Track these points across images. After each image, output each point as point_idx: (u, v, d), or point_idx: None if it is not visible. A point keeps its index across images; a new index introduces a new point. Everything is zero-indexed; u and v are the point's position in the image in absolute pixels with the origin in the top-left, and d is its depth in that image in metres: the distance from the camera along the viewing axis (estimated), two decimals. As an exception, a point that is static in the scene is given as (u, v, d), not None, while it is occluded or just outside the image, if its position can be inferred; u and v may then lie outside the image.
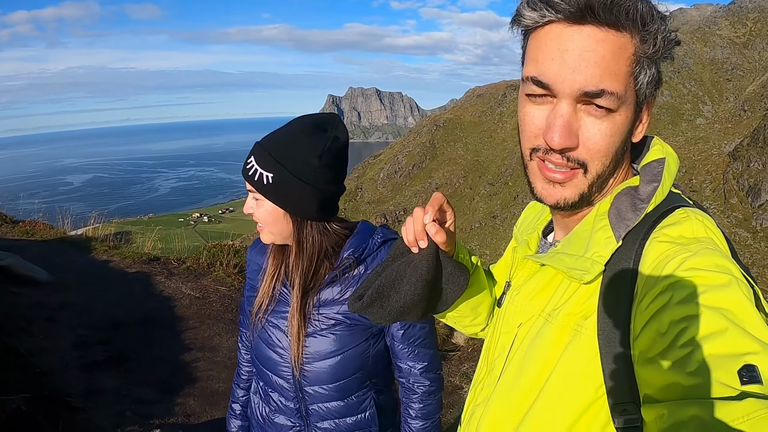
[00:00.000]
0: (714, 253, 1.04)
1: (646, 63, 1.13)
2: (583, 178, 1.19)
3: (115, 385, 5.56)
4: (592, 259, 1.16)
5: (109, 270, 9.20)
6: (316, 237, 2.06)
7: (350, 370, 2.08)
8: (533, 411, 1.21)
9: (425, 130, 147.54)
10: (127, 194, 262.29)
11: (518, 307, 1.38)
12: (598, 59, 1.09)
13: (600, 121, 1.14)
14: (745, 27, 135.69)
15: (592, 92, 1.10)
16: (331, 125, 2.03)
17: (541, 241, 1.50)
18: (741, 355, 0.85)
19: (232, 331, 7.46)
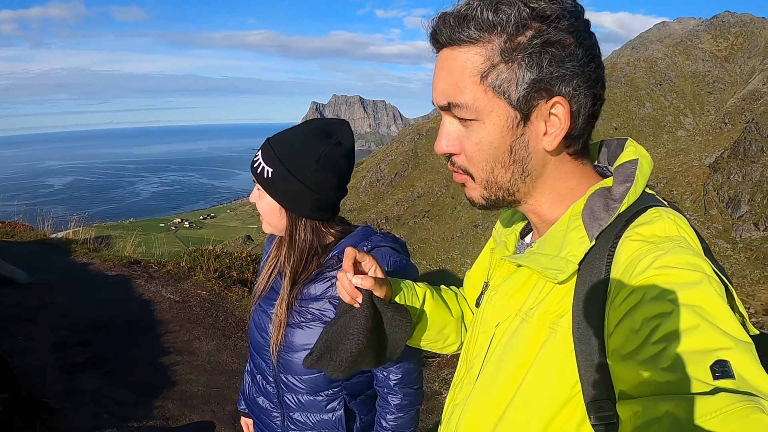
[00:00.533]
0: (686, 251, 1.05)
1: (503, 66, 1.14)
2: (474, 184, 1.27)
3: (94, 387, 5.54)
4: (566, 259, 1.17)
5: (89, 272, 9.17)
6: (308, 235, 2.13)
7: None
8: (510, 409, 1.22)
9: (408, 138, 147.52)
10: (108, 198, 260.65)
11: (496, 307, 1.39)
12: (445, 75, 1.19)
13: (468, 131, 1.21)
14: (726, 41, 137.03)
15: (442, 105, 1.21)
16: (338, 131, 2.11)
17: (518, 242, 1.51)
18: (713, 350, 0.87)
19: (212, 336, 7.46)
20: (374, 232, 2.25)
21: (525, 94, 1.15)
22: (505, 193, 1.26)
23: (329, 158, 2.03)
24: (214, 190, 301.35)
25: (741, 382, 0.83)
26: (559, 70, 1.13)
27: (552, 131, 1.19)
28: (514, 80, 1.14)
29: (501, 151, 1.20)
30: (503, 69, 1.14)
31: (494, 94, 1.15)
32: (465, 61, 1.16)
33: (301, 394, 2.19)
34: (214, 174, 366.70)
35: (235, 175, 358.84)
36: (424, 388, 2.35)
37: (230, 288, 9.42)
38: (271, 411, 2.31)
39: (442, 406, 6.59)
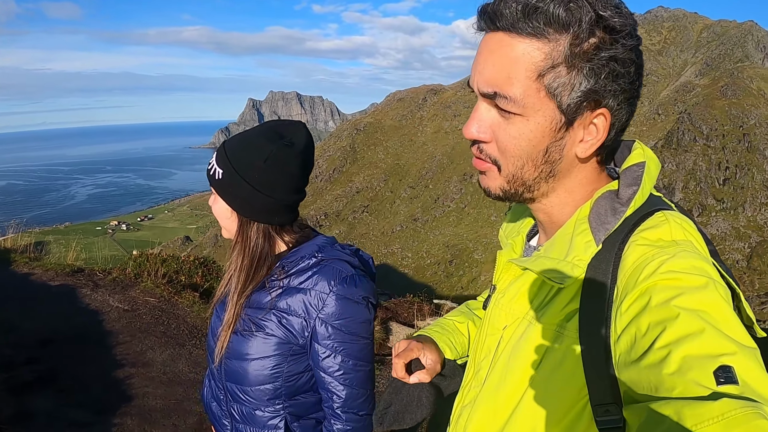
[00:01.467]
0: (692, 255, 1.05)
1: (564, 69, 1.12)
2: (498, 175, 1.25)
3: (47, 407, 5.29)
4: (572, 263, 1.18)
5: (31, 283, 8.80)
6: (259, 239, 2.07)
7: (259, 379, 2.06)
8: (518, 413, 1.23)
9: (346, 134, 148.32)
10: (42, 202, 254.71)
11: (503, 310, 1.39)
12: (496, 61, 1.14)
13: (507, 122, 1.18)
14: (660, 35, 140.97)
15: (486, 93, 1.17)
16: (291, 131, 2.04)
17: (525, 244, 1.52)
18: (717, 356, 0.87)
19: (165, 345, 7.25)
20: (333, 243, 2.17)
21: (577, 101, 1.14)
22: (525, 189, 1.26)
23: (278, 159, 1.96)
24: (151, 190, 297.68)
25: (744, 388, 0.83)
26: (612, 85, 1.13)
27: (589, 140, 1.19)
28: (570, 86, 1.13)
29: (537, 150, 1.19)
30: (563, 72, 1.12)
31: (546, 94, 1.14)
32: (523, 53, 1.12)
33: (245, 406, 2.13)
34: (150, 174, 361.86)
35: (172, 174, 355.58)
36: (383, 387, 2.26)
37: (180, 293, 9.18)
38: (222, 418, 2.26)
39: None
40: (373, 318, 2.09)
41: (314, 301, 1.98)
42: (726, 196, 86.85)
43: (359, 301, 2.00)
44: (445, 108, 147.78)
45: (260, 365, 2.04)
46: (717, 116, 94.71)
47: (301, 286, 2.01)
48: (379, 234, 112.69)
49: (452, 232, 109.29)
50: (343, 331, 1.98)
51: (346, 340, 1.99)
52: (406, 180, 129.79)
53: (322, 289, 1.98)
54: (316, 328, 1.99)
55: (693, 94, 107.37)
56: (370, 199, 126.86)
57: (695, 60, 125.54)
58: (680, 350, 0.90)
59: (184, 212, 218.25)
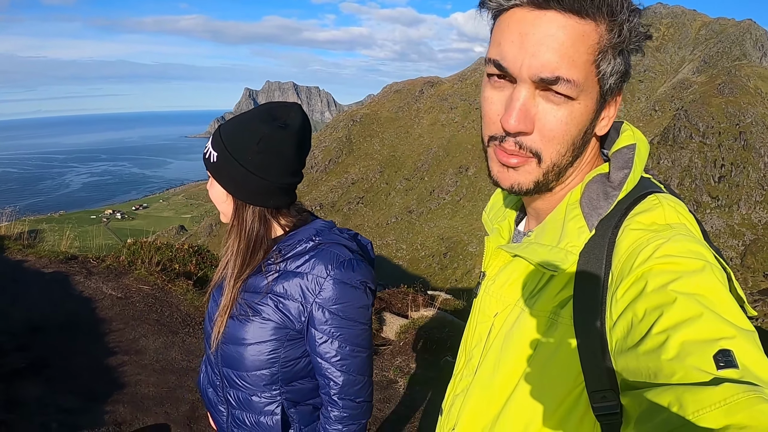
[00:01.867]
0: (687, 238, 1.04)
1: (611, 53, 1.12)
2: (537, 167, 1.19)
3: (38, 395, 5.24)
4: (565, 250, 1.17)
5: (25, 270, 8.73)
6: (255, 223, 2.07)
7: (256, 365, 2.05)
8: (512, 401, 1.22)
9: (342, 125, 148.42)
10: (37, 190, 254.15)
11: (493, 297, 1.38)
12: (556, 45, 1.08)
13: (557, 108, 1.13)
14: (657, 31, 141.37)
15: (548, 79, 1.09)
16: (285, 113, 2.03)
17: (514, 230, 1.50)
18: (716, 340, 0.86)
19: (158, 333, 7.19)
20: (331, 227, 2.16)
21: (616, 83, 1.16)
22: (555, 177, 1.23)
23: (272, 140, 1.95)
24: (146, 179, 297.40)
25: (745, 372, 0.82)
26: (630, 68, 1.17)
27: (608, 117, 1.22)
28: (615, 69, 1.14)
29: (581, 134, 1.18)
30: (610, 55, 1.12)
31: (596, 76, 1.13)
32: (582, 34, 1.09)
33: (241, 392, 2.12)
34: (145, 163, 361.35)
35: (167, 164, 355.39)
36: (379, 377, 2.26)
37: (174, 281, 9.11)
38: (218, 404, 2.26)
39: (397, 395, 6.51)
40: (371, 303, 2.08)
41: (311, 285, 1.97)
42: (721, 193, 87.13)
43: (357, 286, 1.99)
44: (441, 100, 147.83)
45: (257, 350, 2.03)
46: (713, 114, 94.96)
47: (298, 270, 2.00)
48: (374, 225, 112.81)
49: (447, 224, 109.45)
50: (340, 316, 1.97)
51: (344, 325, 1.98)
52: (401, 172, 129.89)
53: (320, 273, 1.96)
54: (313, 312, 1.97)
55: (690, 92, 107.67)
56: (366, 190, 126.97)
57: (693, 57, 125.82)
58: (679, 335, 0.89)
59: (179, 201, 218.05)
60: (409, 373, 7.06)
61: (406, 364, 7.32)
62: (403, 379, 6.90)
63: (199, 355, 6.78)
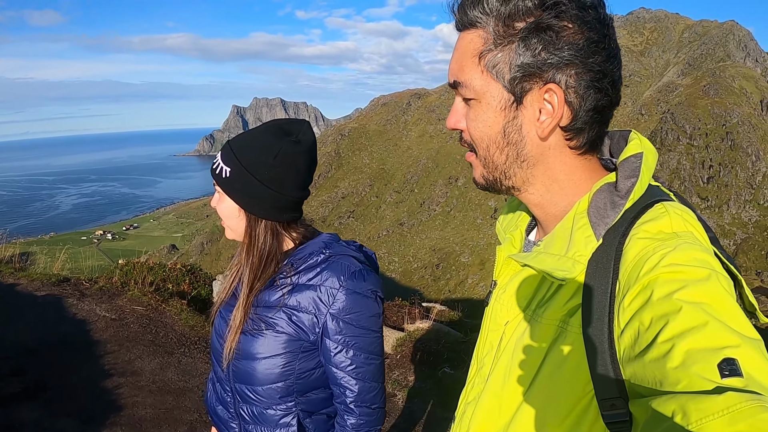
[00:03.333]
0: (693, 247, 1.05)
1: (498, 49, 1.18)
2: (477, 162, 1.32)
3: (34, 418, 5.21)
4: (573, 259, 1.18)
5: (17, 294, 8.68)
6: (268, 237, 2.09)
7: (271, 378, 2.07)
8: (522, 409, 1.22)
9: (330, 139, 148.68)
10: (26, 212, 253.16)
11: (504, 305, 1.39)
12: (455, 55, 1.27)
13: (470, 110, 1.27)
14: (642, 36, 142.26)
15: (450, 83, 1.29)
16: (297, 129, 2.07)
17: (524, 239, 1.51)
18: (721, 348, 0.87)
19: (153, 354, 7.17)
20: (337, 240, 2.19)
21: (517, 77, 1.17)
22: (501, 175, 1.29)
23: (287, 156, 1.99)
24: (136, 199, 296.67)
25: (749, 381, 0.82)
26: (552, 56, 1.15)
27: (545, 118, 1.20)
28: (508, 63, 1.17)
29: (495, 131, 1.24)
30: (498, 51, 1.18)
31: (490, 75, 1.20)
32: (468, 42, 1.22)
33: (255, 406, 2.13)
34: (135, 183, 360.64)
35: (156, 183, 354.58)
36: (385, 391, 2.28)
37: (167, 301, 9.08)
38: (229, 421, 2.26)
39: (397, 409, 6.50)
40: (381, 311, 2.11)
41: (324, 297, 2.00)
42: (710, 194, 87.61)
43: (368, 295, 2.02)
44: (429, 112, 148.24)
45: (271, 364, 2.05)
46: (700, 115, 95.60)
47: (311, 283, 2.02)
48: (366, 239, 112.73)
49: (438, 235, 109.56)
50: (353, 326, 2.00)
51: (357, 334, 2.01)
52: (391, 185, 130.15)
53: (332, 285, 1.99)
54: (327, 323, 2.00)
55: (676, 94, 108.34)
56: (356, 204, 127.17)
57: (677, 60, 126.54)
58: (684, 343, 0.90)
59: (170, 221, 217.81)
60: (407, 386, 7.06)
61: (404, 377, 7.31)
62: (401, 392, 6.90)
63: (196, 375, 6.77)
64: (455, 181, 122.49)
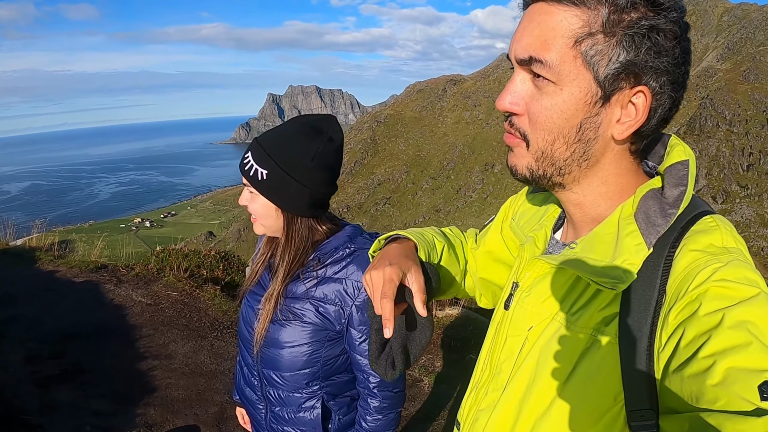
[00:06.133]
0: (744, 265, 1.02)
1: (602, 38, 1.09)
2: (526, 152, 1.21)
3: (71, 399, 5.40)
4: (623, 267, 1.12)
5: (56, 280, 8.93)
6: (304, 232, 2.18)
7: (298, 365, 2.17)
8: (547, 417, 1.19)
9: (366, 126, 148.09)
10: (66, 201, 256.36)
11: (527, 309, 1.34)
12: (534, 29, 1.13)
13: (542, 93, 1.15)
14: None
15: (521, 59, 1.15)
16: (327, 127, 2.13)
17: (550, 239, 1.45)
18: (763, 370, 0.85)
19: (187, 338, 7.34)
20: (361, 233, 2.28)
21: (614, 72, 1.10)
22: (555, 171, 1.21)
23: (324, 155, 2.07)
24: (174, 187, 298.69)
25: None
26: (654, 61, 1.09)
27: (627, 120, 1.15)
28: (608, 55, 1.09)
29: (570, 124, 1.15)
30: (600, 40, 1.09)
31: (583, 62, 1.11)
32: (562, 20, 1.10)
33: (282, 390, 2.24)
34: (172, 171, 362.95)
35: (193, 171, 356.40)
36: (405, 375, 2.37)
37: (202, 287, 9.24)
38: (257, 403, 2.38)
39: (423, 393, 6.59)
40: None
41: (350, 289, 2.10)
42: (750, 182, 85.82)
43: None
44: (465, 98, 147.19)
45: (299, 352, 2.16)
46: (740, 101, 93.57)
47: (337, 276, 2.13)
48: (402, 226, 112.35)
49: (475, 222, 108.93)
50: None
51: None
52: (427, 171, 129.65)
53: (358, 278, 2.10)
54: (352, 314, 2.11)
55: (715, 79, 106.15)
56: (392, 191, 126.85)
57: (716, 44, 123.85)
58: (725, 361, 0.88)
59: (207, 208, 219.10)
60: (434, 371, 7.12)
61: (431, 363, 7.37)
62: (428, 377, 6.96)
63: (228, 358, 6.92)
64: (492, 168, 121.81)
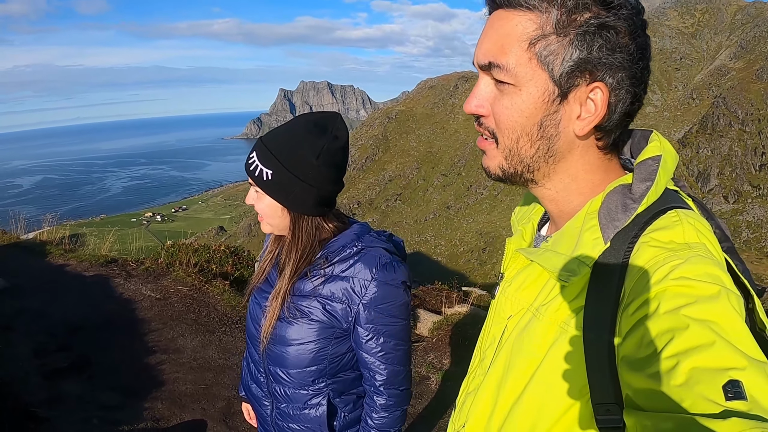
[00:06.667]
0: (705, 261, 1.02)
1: (555, 39, 1.12)
2: (496, 151, 1.24)
3: (79, 392, 5.43)
4: (578, 260, 1.15)
5: (66, 274, 8.98)
6: (311, 231, 2.17)
7: (304, 362, 2.17)
8: (519, 405, 1.22)
9: (377, 122, 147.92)
10: (78, 195, 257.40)
11: (509, 299, 1.38)
12: (493, 35, 1.17)
13: (503, 95, 1.18)
14: (693, 17, 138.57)
15: (482, 64, 1.19)
16: (332, 124, 2.10)
17: (536, 233, 1.50)
18: (726, 369, 0.85)
19: (196, 332, 7.38)
20: (368, 231, 2.26)
21: (569, 71, 1.13)
22: (524, 168, 1.24)
23: (329, 153, 2.05)
24: (185, 182, 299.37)
25: (753, 405, 0.80)
26: (608, 57, 1.12)
27: (586, 116, 1.17)
28: (561, 55, 1.12)
29: (531, 122, 1.18)
30: (553, 41, 1.12)
31: (538, 63, 1.14)
32: (517, 24, 1.14)
33: (288, 387, 2.24)
34: (183, 166, 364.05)
35: (205, 166, 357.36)
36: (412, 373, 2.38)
37: (211, 282, 9.28)
38: (262, 399, 2.38)
39: (430, 391, 6.59)
40: (410, 300, 2.20)
41: (357, 288, 2.09)
42: (762, 182, 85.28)
43: (398, 286, 2.11)
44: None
45: (305, 349, 2.16)
46: (752, 100, 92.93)
47: (344, 274, 2.11)
48: (413, 222, 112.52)
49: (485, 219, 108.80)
50: (384, 315, 2.10)
51: (387, 322, 2.11)
52: (438, 168, 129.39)
53: (365, 277, 2.08)
54: (359, 312, 2.10)
55: (728, 78, 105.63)
56: (403, 187, 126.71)
57: (729, 43, 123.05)
58: (689, 361, 0.88)
59: (218, 203, 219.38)
60: (441, 369, 7.14)
61: (439, 360, 7.40)
62: (435, 375, 6.99)
63: (236, 353, 6.95)
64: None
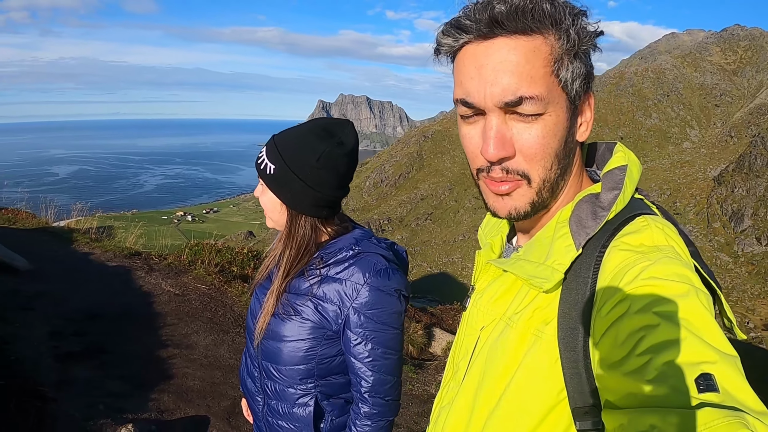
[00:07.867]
0: (674, 261, 1.04)
1: (567, 59, 1.12)
2: (528, 188, 1.19)
3: (88, 377, 5.50)
4: (551, 267, 1.16)
5: (90, 262, 9.12)
6: (306, 231, 2.19)
7: (294, 360, 2.19)
8: (495, 414, 1.21)
9: (413, 140, 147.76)
10: (111, 188, 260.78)
11: (481, 311, 1.38)
12: (512, 68, 1.10)
13: (530, 126, 1.14)
14: (735, 54, 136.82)
15: (512, 101, 1.11)
16: (340, 130, 2.14)
17: (505, 245, 1.50)
18: (698, 363, 0.86)
19: (210, 330, 7.43)
20: (369, 237, 2.28)
21: (581, 87, 1.16)
22: (549, 194, 1.23)
23: (330, 157, 2.08)
24: (218, 184, 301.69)
25: (725, 396, 0.82)
26: (592, 69, 1.18)
27: (585, 121, 1.22)
28: (576, 72, 1.14)
29: (561, 144, 1.17)
30: (566, 61, 1.12)
31: (560, 86, 1.13)
32: (533, 50, 1.10)
33: (278, 384, 2.25)
34: (218, 168, 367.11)
35: (239, 170, 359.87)
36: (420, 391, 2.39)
37: (230, 283, 9.37)
38: (255, 395, 2.40)
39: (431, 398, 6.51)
40: (404, 310, 2.20)
41: (349, 291, 2.10)
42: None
43: (391, 293, 2.11)
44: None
45: (295, 347, 2.18)
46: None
47: (338, 276, 2.13)
48: (441, 242, 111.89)
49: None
50: (374, 321, 2.10)
51: (377, 329, 2.11)
52: (471, 190, 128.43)
53: (357, 280, 2.10)
54: (349, 316, 2.10)
55: None
56: (434, 207, 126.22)
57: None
58: (661, 357, 0.89)
59: (249, 208, 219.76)
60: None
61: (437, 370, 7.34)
62: (434, 386, 6.94)
63: (247, 353, 6.94)
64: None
